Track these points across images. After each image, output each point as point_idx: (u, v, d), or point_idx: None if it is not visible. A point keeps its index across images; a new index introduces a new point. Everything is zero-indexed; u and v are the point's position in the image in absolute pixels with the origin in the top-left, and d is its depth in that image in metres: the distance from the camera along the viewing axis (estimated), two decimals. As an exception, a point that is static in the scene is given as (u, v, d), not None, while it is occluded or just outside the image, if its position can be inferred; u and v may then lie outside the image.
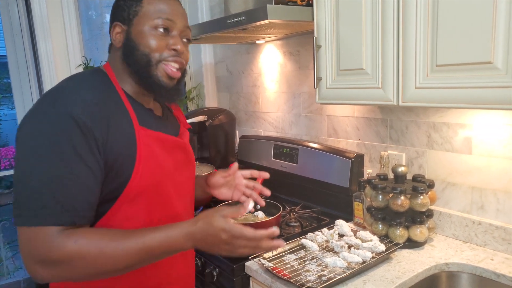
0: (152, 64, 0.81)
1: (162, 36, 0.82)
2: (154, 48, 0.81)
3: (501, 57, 0.80)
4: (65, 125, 0.70)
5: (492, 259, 1.08)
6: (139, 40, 0.81)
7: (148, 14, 0.81)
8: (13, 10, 1.84)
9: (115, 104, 0.80)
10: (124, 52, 0.83)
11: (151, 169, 0.80)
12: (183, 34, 0.86)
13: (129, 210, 0.79)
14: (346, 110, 1.54)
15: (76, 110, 0.71)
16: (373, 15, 1.04)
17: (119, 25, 0.83)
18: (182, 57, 0.85)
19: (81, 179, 0.71)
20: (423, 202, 1.15)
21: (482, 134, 1.13)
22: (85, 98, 0.74)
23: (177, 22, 0.83)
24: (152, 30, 0.81)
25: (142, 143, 0.80)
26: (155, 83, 0.83)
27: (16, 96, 1.92)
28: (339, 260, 1.05)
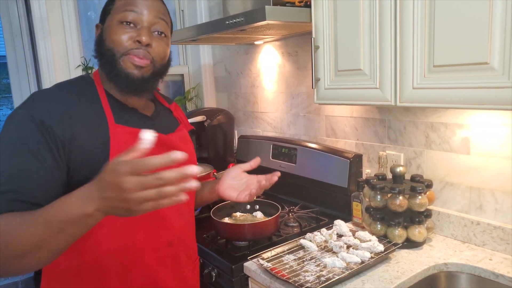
0: (116, 58, 0.81)
1: (128, 30, 0.81)
2: (118, 41, 0.80)
3: (498, 58, 0.81)
4: (23, 124, 0.73)
5: (490, 259, 1.08)
6: (105, 36, 0.82)
7: (117, 10, 0.82)
8: (13, 11, 1.84)
9: (90, 104, 0.81)
10: (95, 48, 0.85)
11: None
12: (154, 27, 0.83)
13: None
14: (344, 110, 1.54)
15: (37, 111, 0.74)
16: (371, 16, 1.04)
17: (99, 25, 0.86)
18: (149, 51, 0.82)
19: (30, 176, 0.70)
20: (421, 202, 1.16)
21: (480, 134, 1.14)
22: (50, 99, 0.77)
23: (143, 14, 0.81)
24: (118, 24, 0.81)
25: (116, 140, 0.79)
26: (121, 76, 0.81)
27: (15, 96, 1.92)
28: (337, 261, 1.05)
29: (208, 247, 1.28)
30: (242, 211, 1.44)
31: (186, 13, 2.28)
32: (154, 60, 0.83)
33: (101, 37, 0.83)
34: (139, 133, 0.57)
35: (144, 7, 0.82)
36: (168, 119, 0.98)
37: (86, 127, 0.77)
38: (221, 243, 1.31)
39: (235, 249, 1.25)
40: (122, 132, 0.81)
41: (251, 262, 1.12)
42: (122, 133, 0.81)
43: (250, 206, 1.46)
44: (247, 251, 1.22)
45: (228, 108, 2.20)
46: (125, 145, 0.80)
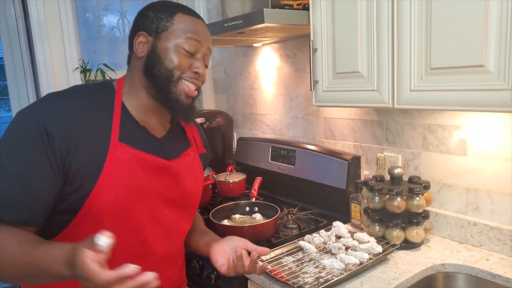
0: (173, 80, 0.82)
1: (187, 57, 0.82)
2: (178, 66, 0.81)
3: (493, 61, 0.82)
4: (26, 127, 0.73)
5: (487, 259, 1.09)
6: (164, 55, 0.81)
7: (178, 32, 0.82)
8: (10, 13, 1.84)
9: (99, 116, 0.79)
10: (146, 63, 0.83)
11: (117, 187, 0.77)
12: (206, 57, 0.86)
13: (91, 228, 0.73)
14: (343, 112, 1.55)
15: (43, 115, 0.73)
16: (368, 19, 1.05)
17: (144, 35, 0.83)
18: (200, 80, 0.85)
19: (23, 179, 0.71)
20: (419, 204, 1.16)
21: (477, 136, 1.15)
22: (58, 105, 0.76)
23: (203, 45, 0.84)
24: (179, 48, 0.81)
25: (113, 159, 0.77)
26: (173, 99, 0.83)
27: (12, 99, 1.92)
28: (336, 262, 1.05)
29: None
30: (241, 214, 1.45)
31: (185, 15, 2.29)
32: (200, 88, 0.87)
33: (155, 54, 0.81)
34: (97, 235, 0.58)
35: (205, 39, 0.85)
36: (178, 140, 0.94)
37: (87, 140, 0.76)
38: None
39: (234, 251, 1.25)
40: (121, 151, 0.79)
41: (251, 263, 1.12)
42: (121, 152, 0.79)
43: (249, 208, 1.46)
44: (246, 253, 1.22)
45: (227, 110, 2.20)
46: (121, 165, 0.78)
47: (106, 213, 0.78)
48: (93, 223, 0.77)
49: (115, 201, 0.78)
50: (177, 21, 0.82)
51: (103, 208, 0.77)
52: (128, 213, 0.81)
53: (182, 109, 0.85)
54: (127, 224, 0.81)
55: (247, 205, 1.47)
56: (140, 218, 0.83)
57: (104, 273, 0.57)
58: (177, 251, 0.96)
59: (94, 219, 0.77)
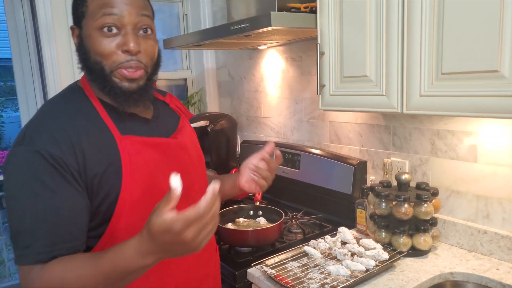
0: (106, 73, 0.74)
1: (111, 37, 0.73)
2: (104, 54, 0.73)
3: (508, 66, 0.80)
4: (33, 163, 0.69)
5: (497, 268, 1.07)
6: (88, 46, 0.74)
7: (93, 13, 0.72)
8: (19, 15, 1.85)
9: (88, 121, 0.75)
10: (79, 59, 0.78)
11: (143, 177, 0.76)
12: (138, 26, 0.75)
13: (129, 225, 0.75)
14: (349, 116, 1.53)
15: (41, 144, 0.69)
16: (377, 22, 1.03)
17: (75, 28, 0.78)
18: (139, 58, 0.75)
19: (57, 212, 0.69)
20: (427, 210, 1.14)
21: (488, 143, 1.13)
22: (50, 128, 0.72)
23: (125, 15, 0.72)
24: (99, 31, 0.72)
25: (127, 153, 0.75)
26: (112, 90, 0.75)
27: (20, 99, 1.93)
28: (342, 268, 1.03)
29: (211, 253, 1.27)
30: (245, 217, 1.43)
31: (190, 17, 2.29)
32: (146, 66, 0.77)
33: (83, 47, 0.75)
34: (170, 179, 0.58)
35: (123, 6, 0.73)
36: (168, 115, 0.93)
37: (94, 147, 0.73)
38: (224, 249, 1.29)
39: (238, 255, 1.24)
40: (130, 143, 0.77)
41: (255, 268, 1.10)
42: (131, 144, 0.77)
43: (253, 212, 1.45)
44: (250, 257, 1.20)
45: (231, 113, 2.19)
46: (136, 156, 0.76)
47: (140, 206, 0.76)
48: (130, 221, 0.75)
49: (144, 193, 0.76)
50: (91, 1, 0.73)
51: (136, 202, 0.75)
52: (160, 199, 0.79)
53: (128, 97, 0.76)
54: None
55: (251, 209, 1.46)
56: None
57: (181, 215, 0.56)
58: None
59: (130, 217, 0.76)
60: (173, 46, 1.67)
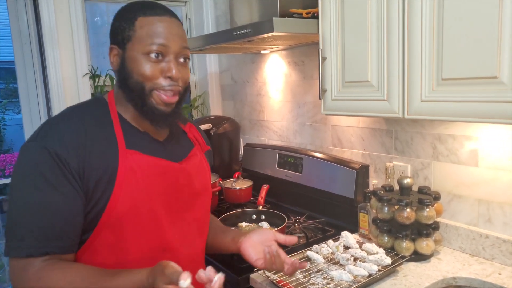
0: (146, 93, 0.79)
1: (156, 63, 0.78)
2: (148, 76, 0.78)
3: (507, 72, 0.80)
4: (39, 158, 0.73)
5: (500, 273, 1.07)
6: (131, 67, 0.78)
7: (141, 39, 0.78)
8: (22, 19, 1.87)
9: (100, 129, 0.79)
10: (119, 78, 0.82)
11: (134, 193, 0.78)
12: (180, 55, 0.81)
13: (112, 238, 0.77)
14: (351, 120, 1.54)
15: (51, 142, 0.74)
16: (379, 28, 1.04)
17: (115, 48, 0.82)
18: (178, 83, 0.80)
19: (54, 209, 0.72)
20: (429, 215, 1.15)
21: (489, 147, 1.13)
22: (63, 130, 0.76)
23: (171, 46, 0.78)
24: (145, 56, 0.77)
25: (124, 167, 0.78)
26: (150, 111, 0.80)
27: (22, 101, 1.95)
28: (345, 274, 1.04)
29: (214, 258, 1.28)
30: (248, 221, 1.44)
31: (193, 21, 2.30)
32: (181, 91, 0.83)
33: (125, 67, 0.79)
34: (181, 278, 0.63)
35: (171, 38, 0.78)
36: (181, 142, 0.94)
37: (96, 154, 0.76)
38: (227, 254, 1.30)
39: (241, 261, 1.23)
40: (132, 158, 0.79)
41: (257, 274, 1.11)
42: (132, 159, 0.79)
43: (256, 216, 1.45)
44: (253, 262, 1.21)
45: (234, 116, 2.20)
46: (133, 172, 0.78)
47: (126, 222, 0.78)
48: (113, 234, 0.77)
49: (133, 208, 0.78)
50: (139, 26, 0.78)
51: (122, 217, 0.77)
52: (148, 219, 0.80)
53: (162, 119, 0.81)
54: (148, 231, 0.81)
55: (254, 213, 1.47)
56: (160, 223, 0.82)
57: None
58: (200, 254, 0.96)
59: (113, 229, 0.77)
60: (176, 51, 1.68)
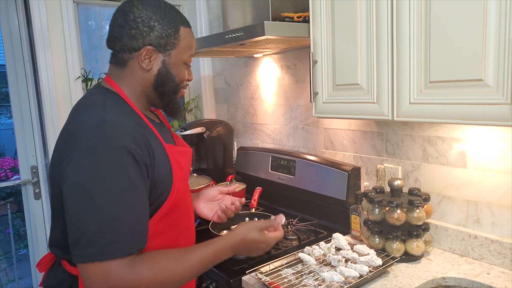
0: (178, 92, 0.91)
1: (186, 68, 0.92)
2: (183, 80, 0.91)
3: (492, 75, 0.82)
4: (120, 157, 0.73)
5: (488, 273, 1.09)
6: (176, 72, 0.88)
7: (184, 49, 0.88)
8: (13, 22, 1.86)
9: (143, 127, 0.84)
10: (156, 79, 0.87)
11: (181, 184, 0.87)
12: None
13: (165, 225, 0.85)
14: (343, 123, 1.55)
15: (127, 141, 0.75)
16: (368, 32, 1.06)
17: (153, 50, 0.84)
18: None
19: (140, 208, 0.76)
20: (419, 216, 1.16)
21: (477, 148, 1.15)
22: (128, 126, 0.78)
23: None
24: (184, 64, 0.90)
25: (173, 161, 0.86)
26: (177, 107, 0.92)
27: (14, 105, 1.93)
28: (336, 275, 1.05)
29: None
30: (240, 224, 1.44)
31: (186, 25, 2.31)
32: None
33: (168, 72, 0.87)
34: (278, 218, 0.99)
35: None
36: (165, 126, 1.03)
37: (158, 150, 0.82)
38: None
39: (233, 263, 1.24)
40: (171, 151, 0.87)
41: (250, 276, 1.11)
42: (173, 153, 0.87)
43: (249, 219, 1.46)
44: (245, 265, 1.21)
45: (228, 119, 2.21)
46: (177, 165, 0.87)
47: (177, 208, 0.87)
48: (167, 222, 0.85)
49: (183, 196, 0.88)
50: (183, 37, 0.87)
51: (176, 205, 0.86)
52: (185, 203, 0.91)
53: (179, 111, 0.95)
54: (185, 213, 0.92)
55: (246, 216, 1.47)
56: (189, 206, 0.95)
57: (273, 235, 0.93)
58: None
59: (167, 217, 0.85)
60: (169, 55, 1.69)
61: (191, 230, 0.97)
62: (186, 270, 0.79)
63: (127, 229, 0.72)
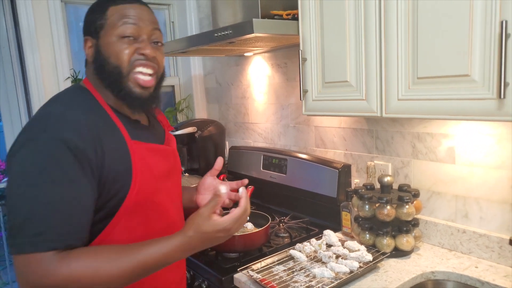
0: (123, 75, 0.81)
1: (130, 43, 0.81)
2: (124, 58, 0.80)
3: (478, 70, 0.83)
4: (56, 150, 0.71)
5: (476, 266, 1.10)
6: (108, 53, 0.81)
7: (113, 24, 0.81)
8: (1, 23, 1.84)
9: (104, 121, 0.80)
10: (95, 66, 0.83)
11: (147, 181, 0.82)
12: (153, 38, 0.84)
13: (128, 223, 0.81)
14: (333, 121, 1.56)
15: (67, 134, 0.72)
16: (356, 29, 1.06)
17: (90, 39, 0.84)
18: (154, 62, 0.83)
19: (73, 202, 0.72)
20: (408, 212, 1.17)
21: (465, 144, 1.16)
22: (75, 119, 0.75)
23: (142, 26, 0.82)
24: (119, 39, 0.80)
25: (136, 157, 0.81)
26: (127, 95, 0.82)
27: (3, 108, 1.91)
28: (326, 271, 1.05)
29: (198, 259, 1.27)
30: (232, 222, 1.44)
31: (176, 24, 2.31)
32: (158, 74, 0.86)
33: (101, 54, 0.82)
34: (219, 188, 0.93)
35: (141, 19, 0.82)
36: (158, 125, 1.00)
37: (110, 145, 0.78)
38: (211, 254, 1.30)
39: (225, 261, 1.24)
40: (138, 148, 0.82)
41: (241, 273, 1.11)
42: (139, 150, 0.82)
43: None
44: (237, 263, 1.21)
45: (219, 119, 2.21)
46: (143, 161, 0.82)
47: (140, 207, 0.82)
48: (129, 220, 0.81)
49: (147, 195, 0.83)
50: (110, 14, 0.82)
51: (139, 204, 0.82)
52: (156, 202, 0.86)
53: (140, 103, 0.84)
54: (157, 212, 0.86)
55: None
56: (165, 204, 0.89)
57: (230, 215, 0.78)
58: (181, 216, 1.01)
59: (130, 216, 0.81)
60: (159, 54, 1.68)
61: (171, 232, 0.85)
62: (118, 272, 0.71)
63: (54, 222, 0.69)
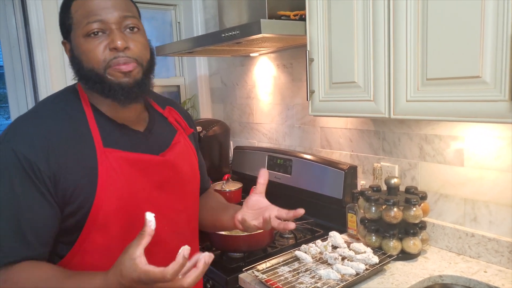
0: (101, 75, 0.75)
1: (98, 40, 0.74)
2: (96, 58, 0.74)
3: (489, 72, 0.82)
4: (6, 161, 0.69)
5: (485, 271, 1.08)
6: (80, 55, 0.76)
7: (78, 22, 0.75)
8: (11, 22, 1.86)
9: (74, 127, 0.75)
10: (74, 72, 0.79)
11: (118, 193, 0.75)
12: (123, 25, 0.76)
13: (100, 238, 0.75)
14: (339, 122, 1.55)
15: (19, 145, 0.70)
16: (365, 29, 1.06)
17: (66, 43, 0.80)
18: (128, 54, 0.75)
19: (17, 217, 0.69)
20: (416, 214, 1.16)
21: (474, 147, 1.15)
22: (30, 130, 0.72)
23: (108, 18, 0.74)
24: (86, 38, 0.74)
25: (105, 167, 0.74)
26: (113, 90, 0.75)
27: (12, 106, 1.93)
28: (332, 272, 1.04)
29: (203, 259, 1.27)
30: (237, 223, 1.43)
31: (183, 25, 2.31)
32: (139, 60, 0.77)
33: (75, 58, 0.77)
34: (146, 216, 0.63)
35: (105, 11, 0.74)
36: (162, 129, 0.89)
37: (72, 156, 0.72)
38: (216, 254, 1.29)
39: (230, 261, 1.24)
40: (111, 156, 0.75)
41: (246, 273, 1.11)
42: (111, 158, 0.75)
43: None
44: (242, 263, 1.21)
45: (224, 119, 2.20)
46: (113, 171, 0.75)
47: (113, 221, 0.75)
48: (102, 234, 0.75)
49: (118, 208, 0.75)
50: (74, 11, 0.76)
51: (108, 217, 0.75)
52: (134, 216, 0.76)
53: (125, 93, 0.75)
54: (137, 227, 0.77)
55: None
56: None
57: (148, 272, 0.60)
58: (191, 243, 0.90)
59: (101, 230, 0.75)
60: (165, 53, 1.69)
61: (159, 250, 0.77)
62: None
63: (5, 237, 0.67)
